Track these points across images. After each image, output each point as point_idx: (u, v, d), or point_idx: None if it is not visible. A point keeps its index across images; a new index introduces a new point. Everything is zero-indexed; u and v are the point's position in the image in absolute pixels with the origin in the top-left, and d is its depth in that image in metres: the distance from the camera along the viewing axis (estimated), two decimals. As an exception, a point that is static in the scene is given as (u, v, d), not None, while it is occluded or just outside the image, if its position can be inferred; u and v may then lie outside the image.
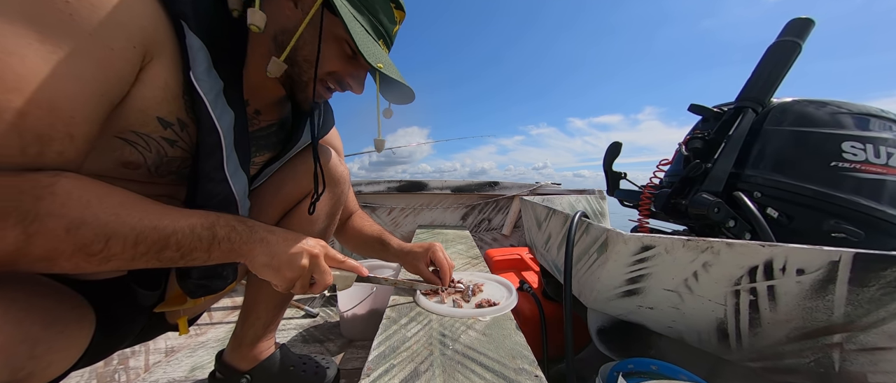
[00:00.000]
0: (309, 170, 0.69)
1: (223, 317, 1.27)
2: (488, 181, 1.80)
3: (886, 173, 0.61)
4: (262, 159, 0.66)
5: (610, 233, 0.50)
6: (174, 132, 0.46)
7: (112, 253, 0.37)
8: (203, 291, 0.56)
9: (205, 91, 0.44)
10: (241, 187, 0.54)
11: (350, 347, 1.07)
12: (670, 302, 0.52)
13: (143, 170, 0.46)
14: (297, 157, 0.70)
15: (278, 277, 0.49)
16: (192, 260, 0.44)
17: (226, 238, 0.46)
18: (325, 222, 0.73)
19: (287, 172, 0.70)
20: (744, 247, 0.44)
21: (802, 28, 0.73)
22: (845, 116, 0.65)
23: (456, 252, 1.16)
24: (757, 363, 0.52)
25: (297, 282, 0.51)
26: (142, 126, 0.43)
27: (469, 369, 0.46)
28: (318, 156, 0.63)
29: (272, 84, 0.55)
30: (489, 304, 0.66)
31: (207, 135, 0.47)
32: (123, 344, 0.57)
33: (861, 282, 0.41)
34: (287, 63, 0.52)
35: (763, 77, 0.73)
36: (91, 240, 0.36)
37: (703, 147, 0.74)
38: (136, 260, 0.39)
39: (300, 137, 0.67)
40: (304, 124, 0.66)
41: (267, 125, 0.62)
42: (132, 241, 0.38)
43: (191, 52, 0.42)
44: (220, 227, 0.45)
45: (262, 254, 0.48)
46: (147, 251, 0.39)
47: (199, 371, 0.92)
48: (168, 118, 0.44)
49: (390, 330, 0.57)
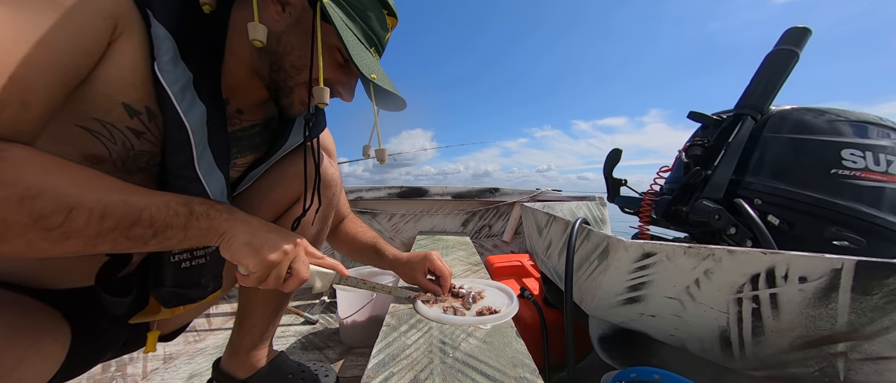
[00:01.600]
0: (299, 174, 0.67)
1: (222, 324, 1.26)
2: (489, 187, 1.81)
3: (886, 181, 0.61)
4: (244, 161, 0.63)
5: (611, 240, 0.50)
6: (141, 122, 0.43)
7: (74, 227, 0.33)
8: (178, 300, 0.52)
9: (169, 82, 0.42)
10: (218, 187, 0.51)
11: (349, 354, 1.06)
12: (672, 309, 0.52)
13: (109, 164, 0.43)
14: (286, 160, 0.68)
15: (256, 258, 0.46)
16: (166, 239, 0.40)
17: (204, 214, 0.43)
18: (317, 226, 0.72)
19: (276, 175, 0.67)
20: (745, 254, 0.44)
21: (800, 37, 0.73)
22: (843, 124, 0.65)
23: (456, 258, 1.16)
24: (761, 372, 0.51)
25: (274, 269, 0.48)
26: (106, 113, 0.40)
27: (469, 377, 0.45)
28: (317, 162, 0.61)
29: (255, 83, 0.54)
30: (490, 312, 0.65)
31: (175, 130, 0.44)
32: (106, 356, 0.55)
33: (864, 290, 0.41)
34: (272, 69, 0.51)
35: (761, 85, 0.74)
36: (50, 212, 0.31)
37: (702, 154, 0.74)
38: (101, 238, 0.35)
39: (287, 139, 0.64)
40: (292, 125, 0.64)
41: (250, 125, 0.60)
42: (98, 214, 0.34)
43: (156, 41, 0.41)
44: (196, 204, 0.43)
45: (243, 232, 0.46)
46: (115, 227, 0.35)
47: (197, 378, 0.91)
48: (135, 106, 0.42)
49: (390, 338, 0.56)
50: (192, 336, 1.16)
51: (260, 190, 0.67)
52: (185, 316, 0.64)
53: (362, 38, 0.53)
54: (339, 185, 0.76)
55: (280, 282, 0.50)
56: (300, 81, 0.52)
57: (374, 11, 0.53)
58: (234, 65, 0.51)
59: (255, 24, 0.44)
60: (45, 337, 0.42)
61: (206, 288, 0.55)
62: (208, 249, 0.53)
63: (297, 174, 0.68)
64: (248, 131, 0.61)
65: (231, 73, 0.52)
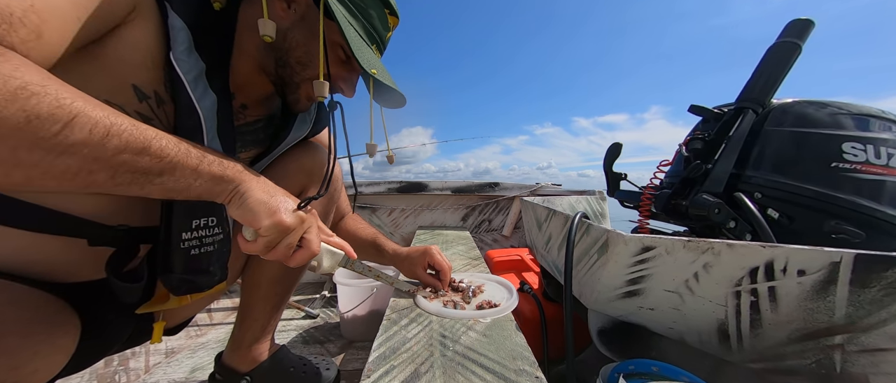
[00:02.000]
0: (301, 169, 0.68)
1: (223, 318, 1.27)
2: (489, 182, 1.80)
3: (887, 174, 0.61)
4: (247, 155, 0.64)
5: (610, 234, 0.50)
6: (150, 107, 0.43)
7: (72, 140, 0.29)
8: (187, 288, 0.52)
9: (184, 70, 0.43)
10: None
11: (350, 348, 1.07)
12: (671, 303, 0.52)
13: None
14: (288, 156, 0.69)
15: (271, 220, 0.43)
16: (174, 179, 0.37)
17: (217, 161, 0.41)
18: None
19: (277, 171, 0.68)
20: (744, 247, 0.44)
21: (802, 29, 0.73)
22: (845, 117, 0.65)
23: (456, 253, 1.16)
24: (758, 364, 0.51)
25: (287, 236, 0.45)
26: (114, 95, 0.39)
27: (469, 370, 0.46)
28: (332, 153, 0.57)
29: (261, 79, 0.55)
30: (490, 305, 0.66)
31: (187, 116, 0.44)
32: (112, 349, 0.56)
33: (862, 283, 0.41)
34: (278, 65, 0.52)
35: (763, 78, 0.73)
36: (46, 114, 0.28)
37: (703, 148, 0.74)
38: (101, 163, 0.31)
39: (289, 134, 0.65)
40: (294, 120, 0.65)
41: (253, 120, 0.61)
42: (103, 130, 0.31)
43: (172, 31, 0.42)
44: (209, 151, 0.41)
45: (259, 188, 0.43)
46: (121, 149, 0.32)
47: (199, 372, 0.92)
48: (144, 88, 0.42)
49: (390, 332, 0.57)
50: (194, 330, 1.17)
51: None
52: (190, 308, 0.65)
53: (364, 35, 0.54)
54: (341, 182, 0.77)
55: (289, 253, 0.47)
56: (306, 77, 0.54)
57: (375, 10, 0.54)
58: (242, 60, 0.52)
59: (264, 19, 0.45)
60: (58, 329, 0.43)
61: (214, 276, 0.55)
62: (216, 236, 0.53)
63: (300, 169, 0.69)
64: (251, 126, 0.62)
65: (238, 69, 0.53)
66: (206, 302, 0.68)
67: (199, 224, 0.51)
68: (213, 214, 0.52)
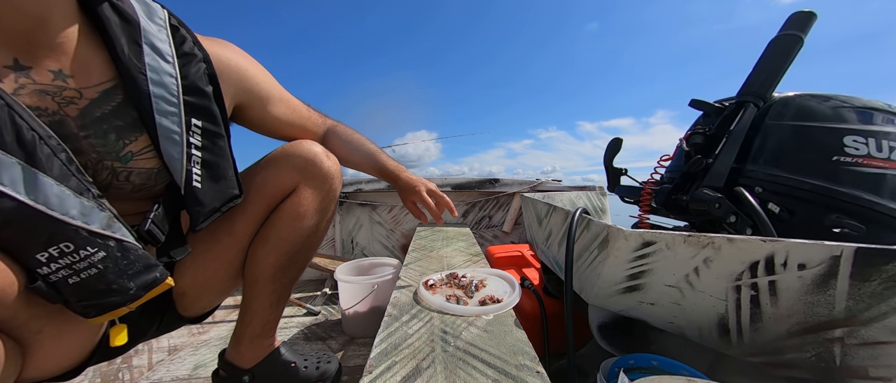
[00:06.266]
0: (292, 166, 0.69)
1: (225, 316, 1.27)
2: (489, 178, 1.80)
3: (888, 167, 0.61)
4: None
5: (611, 230, 0.50)
6: None
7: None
8: (97, 311, 0.45)
9: None
10: None
11: (352, 345, 1.08)
12: (671, 297, 0.52)
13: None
14: (279, 152, 0.71)
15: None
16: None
17: None
18: (315, 219, 0.72)
19: (270, 169, 0.70)
20: (745, 242, 0.44)
21: (804, 22, 0.72)
22: (848, 110, 0.64)
23: (456, 249, 1.16)
24: (758, 357, 0.52)
25: None
26: None
27: (470, 366, 0.46)
28: None
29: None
30: (492, 300, 0.66)
31: None
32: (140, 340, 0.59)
33: (862, 277, 0.41)
34: None
35: (765, 71, 0.73)
36: None
37: (704, 142, 0.73)
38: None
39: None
40: None
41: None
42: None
43: None
44: None
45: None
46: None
47: (202, 368, 0.93)
48: None
49: (392, 328, 0.57)
50: (196, 328, 1.18)
51: (255, 183, 0.69)
52: (205, 297, 0.70)
53: None
54: (340, 178, 0.75)
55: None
56: None
57: None
58: None
59: None
60: None
61: (129, 291, 0.46)
62: (93, 256, 0.43)
63: (291, 166, 0.70)
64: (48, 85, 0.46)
65: None
66: (220, 287, 0.71)
67: (49, 255, 0.40)
68: (66, 240, 0.41)
